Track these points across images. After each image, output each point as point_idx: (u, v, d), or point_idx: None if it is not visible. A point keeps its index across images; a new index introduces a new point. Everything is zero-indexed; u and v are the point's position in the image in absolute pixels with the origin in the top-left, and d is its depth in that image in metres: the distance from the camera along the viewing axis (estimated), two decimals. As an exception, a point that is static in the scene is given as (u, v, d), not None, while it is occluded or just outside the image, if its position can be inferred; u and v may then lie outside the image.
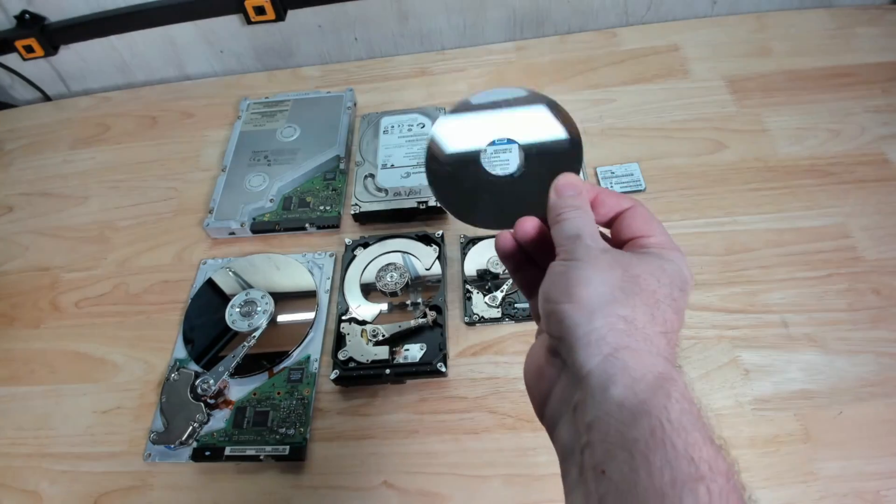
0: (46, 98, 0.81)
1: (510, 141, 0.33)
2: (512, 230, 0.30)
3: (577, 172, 0.30)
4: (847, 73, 0.62)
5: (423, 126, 0.62)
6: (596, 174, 0.57)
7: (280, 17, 0.71)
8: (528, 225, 0.29)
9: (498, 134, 0.33)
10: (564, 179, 0.29)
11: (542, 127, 0.33)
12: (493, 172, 0.32)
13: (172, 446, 0.45)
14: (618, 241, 0.28)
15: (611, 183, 0.56)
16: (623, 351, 0.22)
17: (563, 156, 0.32)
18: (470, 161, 0.33)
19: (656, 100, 0.63)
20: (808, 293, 0.48)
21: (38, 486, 0.47)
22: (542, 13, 0.74)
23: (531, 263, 0.31)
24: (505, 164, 0.33)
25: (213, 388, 0.47)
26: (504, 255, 0.31)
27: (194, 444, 0.46)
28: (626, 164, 0.58)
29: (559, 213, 0.28)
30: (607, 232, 0.29)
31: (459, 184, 0.33)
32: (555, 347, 0.25)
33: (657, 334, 0.23)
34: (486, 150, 0.33)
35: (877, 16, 0.67)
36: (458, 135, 0.34)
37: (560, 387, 0.24)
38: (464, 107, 0.34)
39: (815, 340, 0.46)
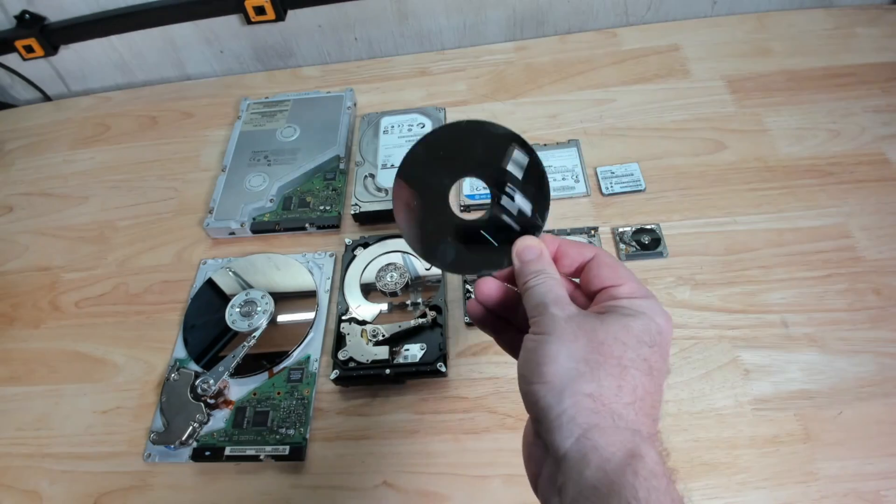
0: (46, 98, 0.81)
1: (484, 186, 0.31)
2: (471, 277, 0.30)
3: (545, 216, 0.30)
4: (847, 73, 0.62)
5: (423, 126, 0.62)
6: (596, 174, 0.57)
7: (280, 17, 0.71)
8: (489, 287, 0.29)
9: (467, 170, 0.32)
10: (523, 243, 0.29)
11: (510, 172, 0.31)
12: (460, 215, 0.31)
13: (172, 446, 0.45)
14: (588, 292, 0.28)
15: (611, 183, 0.56)
16: (593, 430, 0.22)
17: (531, 198, 0.31)
18: (437, 202, 0.31)
19: (656, 100, 0.63)
20: (808, 293, 0.48)
21: (39, 485, 0.47)
22: (542, 13, 0.74)
23: (509, 324, 0.30)
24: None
25: (213, 388, 0.47)
26: (478, 322, 0.31)
27: (194, 444, 0.46)
28: (626, 164, 0.58)
29: (524, 281, 0.28)
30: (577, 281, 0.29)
31: (427, 219, 0.31)
32: (536, 429, 0.25)
33: (624, 406, 0.23)
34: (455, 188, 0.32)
35: (876, 16, 0.67)
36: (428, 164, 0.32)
37: (547, 466, 0.24)
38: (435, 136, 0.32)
39: (815, 340, 0.46)
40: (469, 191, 0.57)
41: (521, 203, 0.30)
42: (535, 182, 0.31)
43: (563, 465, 0.23)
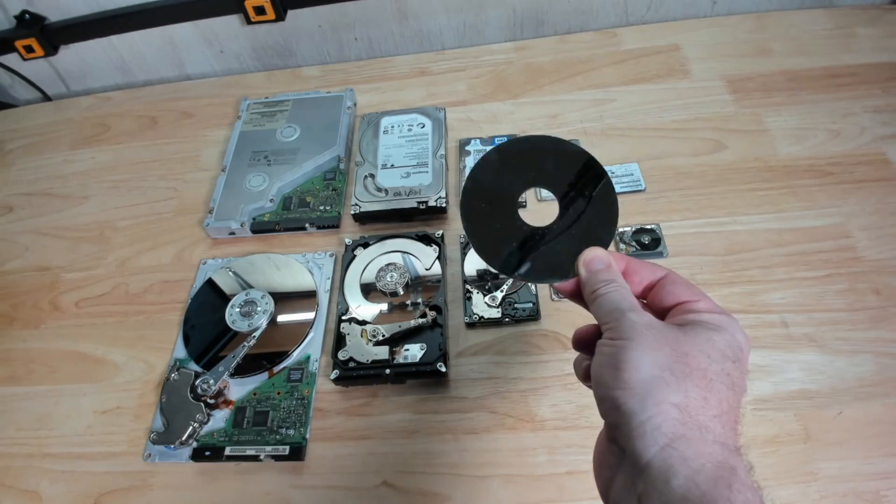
0: (46, 98, 0.81)
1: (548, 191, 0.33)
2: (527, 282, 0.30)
3: (612, 234, 0.31)
4: (847, 73, 0.62)
5: (423, 126, 0.62)
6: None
7: (280, 17, 0.71)
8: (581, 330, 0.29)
9: (537, 181, 0.34)
10: (591, 253, 0.29)
11: (580, 185, 0.33)
12: (527, 221, 0.32)
13: (172, 446, 0.45)
14: (658, 310, 0.28)
15: (611, 183, 0.56)
16: (679, 441, 0.22)
17: (599, 216, 0.32)
18: (507, 202, 0.32)
19: (656, 100, 0.63)
20: (808, 293, 0.48)
21: (38, 485, 0.47)
22: (542, 13, 0.74)
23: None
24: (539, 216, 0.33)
25: (213, 387, 0.47)
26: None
27: (194, 444, 0.46)
28: (626, 164, 0.58)
29: (594, 289, 0.28)
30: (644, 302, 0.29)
31: (493, 223, 0.32)
32: (611, 434, 0.25)
33: (711, 419, 0.23)
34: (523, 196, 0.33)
35: (876, 16, 0.67)
36: (500, 172, 0.33)
37: (622, 474, 0.24)
38: (509, 146, 0.34)
39: (815, 340, 0.46)
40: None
41: (590, 217, 0.31)
42: (604, 199, 0.32)
43: (646, 474, 0.22)
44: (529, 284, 0.51)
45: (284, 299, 0.53)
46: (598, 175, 0.33)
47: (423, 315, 0.49)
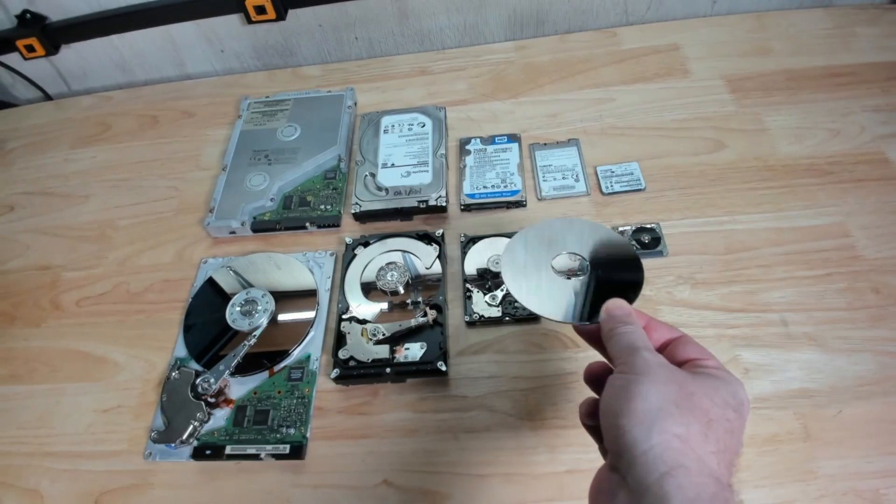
0: (47, 97, 0.81)
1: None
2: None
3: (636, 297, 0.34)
4: (846, 72, 0.62)
5: (424, 125, 0.62)
6: (596, 173, 0.57)
7: (281, 16, 0.71)
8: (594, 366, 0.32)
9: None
10: (615, 303, 0.32)
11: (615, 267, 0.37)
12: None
13: (173, 445, 0.46)
14: (673, 363, 0.29)
15: (611, 182, 0.56)
16: (679, 470, 0.23)
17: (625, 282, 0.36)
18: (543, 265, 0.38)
19: (656, 99, 0.63)
20: (808, 292, 0.48)
21: (39, 484, 0.47)
22: (542, 12, 0.74)
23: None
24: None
25: (214, 386, 0.47)
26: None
27: (195, 443, 0.46)
28: (626, 163, 0.58)
29: (613, 327, 0.30)
30: None
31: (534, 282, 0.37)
32: (614, 463, 0.26)
33: (709, 454, 0.24)
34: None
35: (876, 15, 0.67)
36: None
37: (619, 501, 0.25)
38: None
39: (815, 339, 0.46)
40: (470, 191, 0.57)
41: (619, 283, 0.36)
42: (634, 275, 0.36)
43: (644, 500, 0.23)
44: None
45: (285, 298, 0.53)
46: (636, 266, 0.37)
47: (424, 314, 0.49)
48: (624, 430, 0.25)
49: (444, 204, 0.55)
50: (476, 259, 0.53)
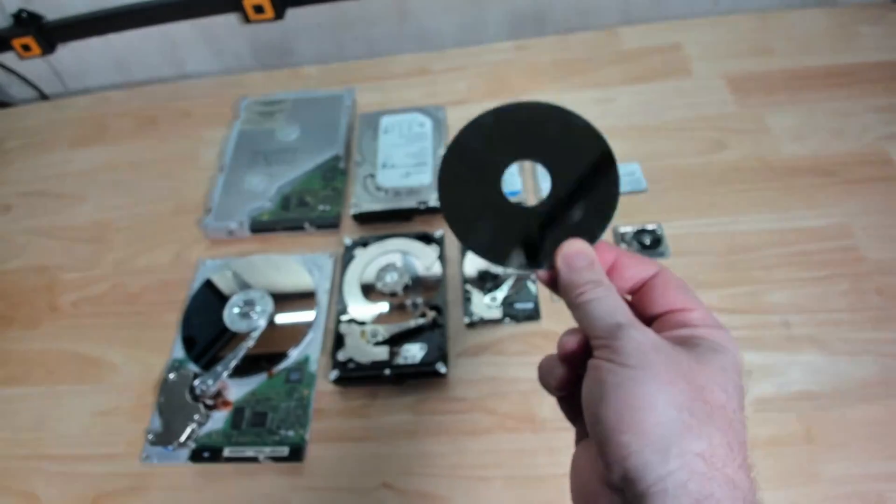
0: (44, 97, 0.81)
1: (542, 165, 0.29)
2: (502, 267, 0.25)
3: (603, 230, 0.26)
4: (849, 72, 0.62)
5: (423, 125, 0.61)
6: (596, 174, 0.57)
7: (279, 15, 0.71)
8: (572, 341, 0.24)
9: (533, 154, 0.29)
10: (572, 247, 0.25)
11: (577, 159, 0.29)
12: (512, 200, 0.28)
13: (170, 447, 0.45)
14: (646, 315, 0.24)
15: (611, 183, 0.56)
16: (707, 501, 0.18)
17: (593, 208, 0.28)
18: (490, 176, 0.28)
19: (657, 99, 0.63)
20: (810, 293, 0.48)
21: (35, 487, 0.47)
22: (542, 12, 0.73)
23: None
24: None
25: (212, 388, 0.47)
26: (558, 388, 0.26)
27: (192, 445, 0.46)
28: (628, 163, 0.57)
29: (579, 291, 0.23)
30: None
31: (470, 197, 0.28)
32: (614, 482, 0.20)
33: (737, 470, 0.19)
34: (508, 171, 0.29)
35: (878, 15, 0.67)
36: (486, 141, 0.29)
37: None
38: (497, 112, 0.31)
39: (817, 341, 0.45)
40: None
41: (583, 207, 0.28)
42: (605, 190, 0.28)
43: None
44: (528, 282, 0.50)
45: (283, 299, 0.52)
46: (606, 163, 0.29)
47: (423, 315, 0.48)
48: (630, 451, 0.19)
49: (443, 204, 0.55)
50: (476, 260, 0.52)
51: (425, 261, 0.53)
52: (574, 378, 0.24)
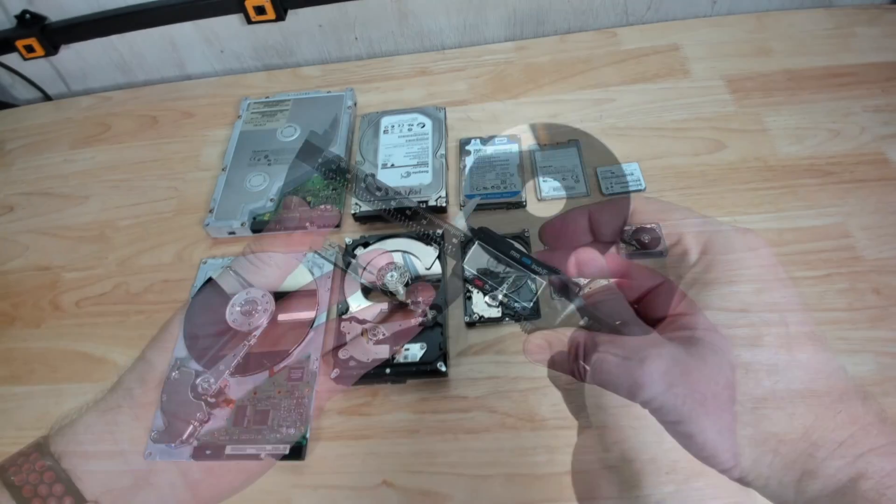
0: (47, 98, 0.81)
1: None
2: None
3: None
4: (847, 72, 0.62)
5: (424, 126, 0.62)
6: (596, 174, 0.57)
7: (280, 16, 0.71)
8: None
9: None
10: (587, 254, 0.27)
11: None
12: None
13: (173, 445, 0.45)
14: (651, 319, 0.27)
15: (611, 183, 0.56)
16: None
17: None
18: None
19: (656, 99, 0.63)
20: (808, 293, 0.48)
21: (39, 485, 0.47)
22: (542, 12, 0.74)
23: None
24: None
25: (214, 386, 0.47)
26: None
27: (195, 443, 0.46)
28: (627, 163, 0.58)
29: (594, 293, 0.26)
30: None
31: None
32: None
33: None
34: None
35: (876, 15, 0.67)
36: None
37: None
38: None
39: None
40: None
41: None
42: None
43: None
44: (528, 282, 0.51)
45: (285, 298, 0.53)
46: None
47: (424, 314, 0.49)
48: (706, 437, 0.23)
49: (444, 204, 0.55)
50: (476, 260, 0.53)
51: (426, 260, 0.53)
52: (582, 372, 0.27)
